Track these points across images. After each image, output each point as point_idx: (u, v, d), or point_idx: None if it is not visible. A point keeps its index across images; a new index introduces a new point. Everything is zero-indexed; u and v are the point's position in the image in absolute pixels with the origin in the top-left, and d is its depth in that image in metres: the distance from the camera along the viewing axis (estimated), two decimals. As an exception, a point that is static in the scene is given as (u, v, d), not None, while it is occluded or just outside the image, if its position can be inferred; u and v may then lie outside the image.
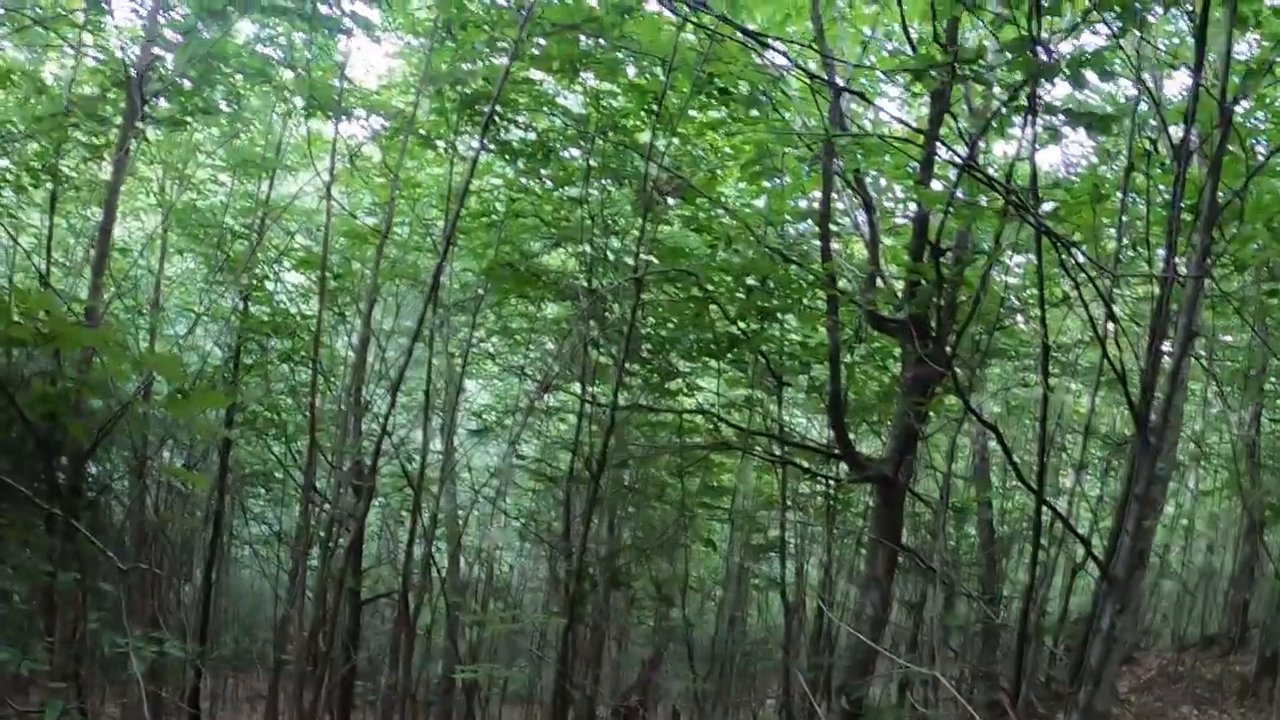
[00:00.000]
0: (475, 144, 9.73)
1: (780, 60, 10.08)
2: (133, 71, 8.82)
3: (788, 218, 10.02)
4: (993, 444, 13.01)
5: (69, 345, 3.91)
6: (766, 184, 9.68)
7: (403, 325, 10.10)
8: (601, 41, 8.78)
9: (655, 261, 8.86)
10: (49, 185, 10.56)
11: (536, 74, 9.29)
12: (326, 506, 9.09)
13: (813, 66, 9.41)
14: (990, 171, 8.31)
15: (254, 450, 10.82)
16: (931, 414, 9.48)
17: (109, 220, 8.57)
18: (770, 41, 7.53)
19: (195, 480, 9.27)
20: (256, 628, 13.33)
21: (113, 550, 6.99)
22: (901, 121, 9.21)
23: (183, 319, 11.31)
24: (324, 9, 9.84)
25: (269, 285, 9.55)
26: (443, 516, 10.00)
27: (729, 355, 9.02)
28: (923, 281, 8.71)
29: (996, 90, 7.83)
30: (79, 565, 6.92)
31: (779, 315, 9.09)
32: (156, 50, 9.13)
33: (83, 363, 7.72)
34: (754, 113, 9.38)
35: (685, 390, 9.60)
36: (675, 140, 9.17)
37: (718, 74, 9.08)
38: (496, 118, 8.97)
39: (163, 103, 9.50)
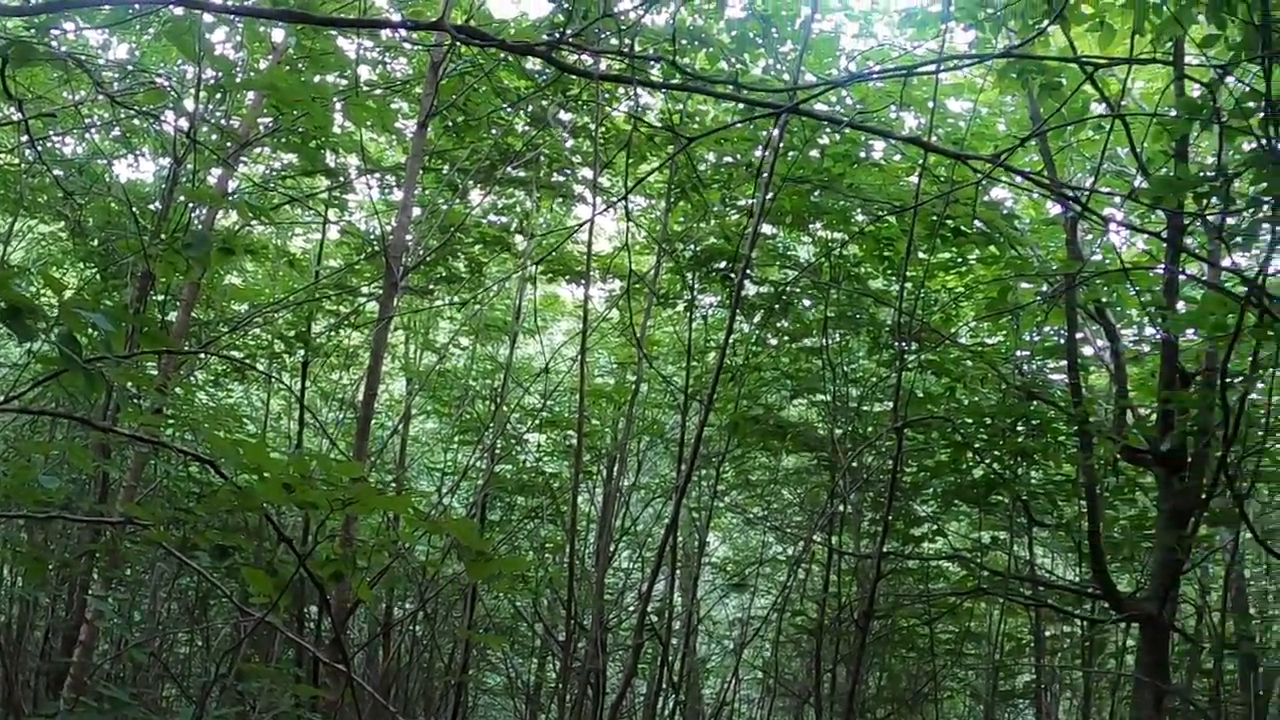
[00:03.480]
0: (709, 299, 9.98)
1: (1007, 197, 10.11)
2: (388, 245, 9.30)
3: (1025, 353, 9.86)
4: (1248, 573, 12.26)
5: (367, 509, 4.20)
6: (1003, 321, 9.58)
7: (643, 481, 10.27)
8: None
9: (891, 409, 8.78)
10: (300, 352, 11.11)
11: (766, 228, 9.47)
12: (575, 663, 9.17)
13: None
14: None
15: (497, 602, 11.06)
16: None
17: (372, 387, 8.93)
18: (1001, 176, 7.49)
19: (469, 635, 9.56)
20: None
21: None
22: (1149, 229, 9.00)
23: (424, 478, 11.75)
24: (558, 178, 10.35)
25: (513, 444, 9.84)
26: (684, 669, 9.98)
27: (986, 499, 8.83)
28: (1178, 411, 8.40)
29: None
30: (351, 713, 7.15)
31: (1033, 455, 8.89)
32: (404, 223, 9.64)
33: (350, 523, 8.09)
34: (991, 249, 9.35)
35: (929, 536, 9.41)
36: (909, 284, 9.18)
37: (952, 214, 9.10)
38: (731, 274, 9.16)
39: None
